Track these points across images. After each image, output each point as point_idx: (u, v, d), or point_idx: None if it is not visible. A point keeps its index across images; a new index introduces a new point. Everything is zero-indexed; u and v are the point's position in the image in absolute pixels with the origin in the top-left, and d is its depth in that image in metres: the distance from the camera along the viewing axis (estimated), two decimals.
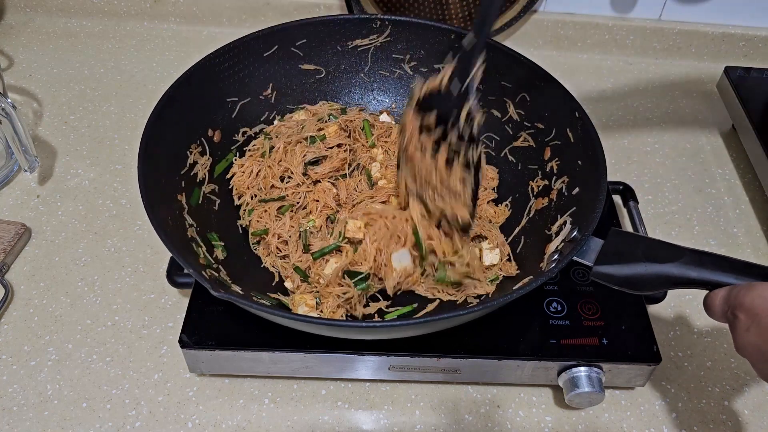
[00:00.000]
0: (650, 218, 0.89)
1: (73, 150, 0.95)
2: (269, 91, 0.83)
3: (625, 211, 0.83)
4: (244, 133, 0.82)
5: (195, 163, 0.74)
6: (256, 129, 0.83)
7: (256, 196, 0.77)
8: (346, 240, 0.70)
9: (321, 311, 0.67)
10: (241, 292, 0.66)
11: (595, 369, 0.65)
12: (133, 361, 0.71)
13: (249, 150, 0.81)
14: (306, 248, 0.71)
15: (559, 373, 0.67)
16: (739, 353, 0.51)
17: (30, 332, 0.73)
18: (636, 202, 0.82)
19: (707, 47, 1.15)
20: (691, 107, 1.09)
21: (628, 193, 0.84)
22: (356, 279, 0.67)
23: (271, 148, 0.78)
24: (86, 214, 0.86)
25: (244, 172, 0.78)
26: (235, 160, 0.79)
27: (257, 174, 0.77)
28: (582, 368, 0.65)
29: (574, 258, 0.59)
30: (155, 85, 1.06)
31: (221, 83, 0.78)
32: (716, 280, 0.54)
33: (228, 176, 0.79)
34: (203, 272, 0.60)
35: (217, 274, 0.66)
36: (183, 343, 0.65)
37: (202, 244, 0.69)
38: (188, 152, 0.74)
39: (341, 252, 0.70)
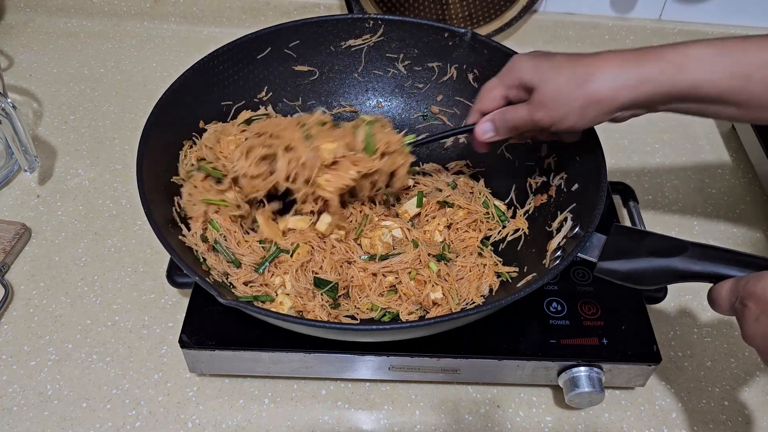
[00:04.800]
0: (650, 218, 0.89)
1: (73, 150, 0.95)
2: (264, 93, 0.83)
3: (625, 211, 0.83)
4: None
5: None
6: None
7: (203, 159, 0.73)
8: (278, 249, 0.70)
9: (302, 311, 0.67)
10: (246, 295, 0.67)
11: (595, 369, 0.65)
12: (133, 361, 0.71)
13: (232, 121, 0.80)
14: (236, 263, 0.69)
15: (559, 373, 0.67)
16: (747, 343, 0.51)
17: (30, 332, 0.73)
18: (636, 202, 0.82)
19: None
20: None
21: (628, 193, 0.84)
22: (325, 289, 0.67)
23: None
24: (86, 214, 0.86)
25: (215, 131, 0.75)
26: (215, 122, 0.77)
27: (218, 140, 0.74)
28: (582, 368, 0.65)
29: (578, 254, 0.59)
30: (155, 85, 1.06)
31: (215, 87, 0.77)
32: (721, 273, 0.54)
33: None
34: (207, 279, 0.60)
35: (220, 279, 0.67)
36: (183, 343, 0.65)
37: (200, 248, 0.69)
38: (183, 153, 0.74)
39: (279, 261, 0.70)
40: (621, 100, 0.57)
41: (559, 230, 0.68)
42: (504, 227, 0.76)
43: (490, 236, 0.76)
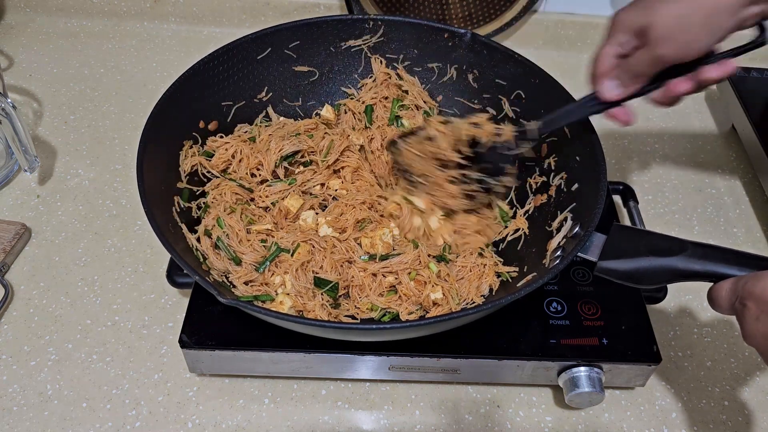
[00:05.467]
0: (650, 218, 0.89)
1: (73, 150, 0.95)
2: (264, 93, 0.83)
3: (625, 211, 0.83)
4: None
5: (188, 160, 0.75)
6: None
7: (226, 171, 0.77)
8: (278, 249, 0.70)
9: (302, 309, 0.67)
10: (246, 294, 0.67)
11: (595, 369, 0.65)
12: (133, 361, 0.71)
13: (237, 131, 0.81)
14: (236, 261, 0.70)
15: (559, 373, 0.67)
16: (747, 342, 0.51)
17: (30, 332, 0.73)
18: (636, 202, 0.82)
19: None
20: (691, 107, 1.09)
21: (628, 193, 0.84)
22: (326, 288, 0.67)
23: (252, 139, 0.78)
24: (86, 214, 0.86)
25: (227, 150, 0.77)
26: (221, 137, 0.78)
27: (233, 156, 0.77)
28: (582, 368, 0.65)
29: (578, 254, 0.59)
30: (155, 85, 1.06)
31: (215, 87, 0.78)
32: (721, 272, 0.54)
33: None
34: (207, 278, 0.60)
35: (219, 279, 0.67)
36: (183, 343, 0.65)
37: (200, 247, 0.69)
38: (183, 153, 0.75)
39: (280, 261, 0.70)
40: None
41: (559, 230, 0.68)
42: (506, 227, 0.76)
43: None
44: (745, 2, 0.55)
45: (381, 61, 0.85)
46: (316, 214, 0.75)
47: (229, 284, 0.68)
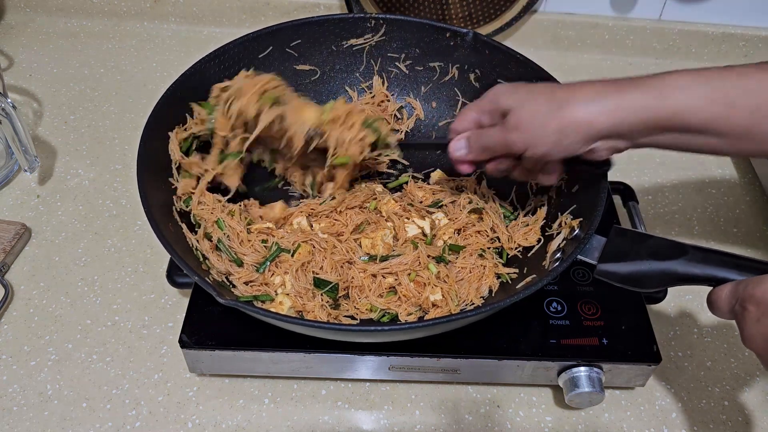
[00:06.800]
0: (650, 218, 0.89)
1: (73, 150, 0.95)
2: None
3: (625, 211, 0.83)
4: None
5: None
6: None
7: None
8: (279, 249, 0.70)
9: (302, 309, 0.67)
10: (245, 295, 0.67)
11: (595, 369, 0.65)
12: (133, 361, 0.71)
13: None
14: (238, 262, 0.69)
15: (559, 373, 0.67)
16: (746, 345, 0.51)
17: (30, 332, 0.73)
18: (636, 202, 0.82)
19: (707, 47, 1.15)
20: None
21: (628, 193, 0.84)
22: (326, 289, 0.67)
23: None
24: (86, 214, 0.86)
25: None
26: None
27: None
28: (582, 368, 0.65)
29: (578, 256, 0.59)
30: (155, 85, 1.06)
31: None
32: (720, 277, 0.54)
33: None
34: (206, 278, 0.60)
35: (219, 279, 0.67)
36: (183, 343, 0.65)
37: (200, 247, 0.69)
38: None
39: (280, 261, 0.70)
40: (598, 126, 0.54)
41: (559, 232, 0.68)
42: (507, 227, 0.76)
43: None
44: (596, 134, 0.55)
45: (382, 82, 0.85)
46: (308, 217, 0.75)
47: (228, 284, 0.68)
